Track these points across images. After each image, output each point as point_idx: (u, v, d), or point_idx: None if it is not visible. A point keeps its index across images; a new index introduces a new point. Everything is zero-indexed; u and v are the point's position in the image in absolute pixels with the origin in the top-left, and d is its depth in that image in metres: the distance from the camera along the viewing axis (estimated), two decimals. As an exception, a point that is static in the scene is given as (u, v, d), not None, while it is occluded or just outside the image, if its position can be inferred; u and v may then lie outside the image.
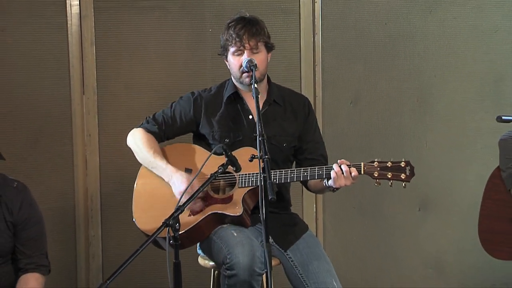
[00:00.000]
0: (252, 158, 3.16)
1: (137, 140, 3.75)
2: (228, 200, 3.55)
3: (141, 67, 4.95)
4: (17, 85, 4.85)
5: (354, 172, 3.39)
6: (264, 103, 3.73)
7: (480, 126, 5.08)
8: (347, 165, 3.39)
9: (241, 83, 3.69)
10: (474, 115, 5.10)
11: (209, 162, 3.35)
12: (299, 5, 4.96)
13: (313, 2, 4.96)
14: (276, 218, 3.64)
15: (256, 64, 3.51)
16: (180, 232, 2.94)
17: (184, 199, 3.20)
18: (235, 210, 3.51)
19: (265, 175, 3.01)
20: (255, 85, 3.36)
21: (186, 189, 3.38)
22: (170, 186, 3.60)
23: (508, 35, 5.09)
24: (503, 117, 3.50)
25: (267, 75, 3.81)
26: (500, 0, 5.07)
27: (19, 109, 4.85)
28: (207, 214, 3.53)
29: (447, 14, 5.07)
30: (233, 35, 3.61)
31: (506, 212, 3.92)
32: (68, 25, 4.85)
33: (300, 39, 4.98)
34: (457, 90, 5.10)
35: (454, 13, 5.06)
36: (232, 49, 3.64)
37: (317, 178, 3.50)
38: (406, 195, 5.07)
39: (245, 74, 3.59)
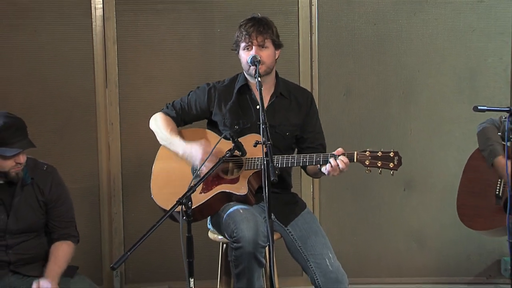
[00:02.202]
0: (256, 143, 3.14)
1: (158, 122, 3.76)
2: (235, 180, 3.54)
3: (158, 62, 4.95)
4: (48, 79, 4.88)
5: (344, 160, 3.35)
6: (271, 95, 3.71)
7: (458, 116, 5.06)
8: (342, 154, 3.36)
9: (249, 74, 3.67)
10: (453, 105, 5.08)
11: (220, 145, 3.36)
12: (298, 7, 4.95)
13: (310, 5, 4.95)
14: (278, 198, 3.62)
15: (259, 60, 3.48)
16: (192, 207, 2.92)
17: (206, 164, 3.32)
18: (241, 189, 3.49)
19: (267, 159, 2.99)
20: (259, 79, 3.32)
21: (208, 157, 3.38)
22: (185, 165, 3.60)
23: (483, 35, 5.06)
24: (479, 107, 3.49)
25: (276, 71, 3.78)
26: (476, 4, 5.04)
27: (50, 101, 4.89)
28: (216, 192, 3.52)
29: (429, 16, 5.04)
30: (243, 32, 3.60)
31: (479, 188, 3.94)
32: (93, 26, 4.85)
33: (298, 38, 4.97)
34: (438, 84, 5.08)
35: (435, 15, 5.04)
36: (242, 45, 3.62)
37: (315, 164, 3.47)
38: (392, 176, 5.03)
39: (252, 67, 3.55)
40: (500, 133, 3.94)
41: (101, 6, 4.84)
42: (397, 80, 5.07)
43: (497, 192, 3.93)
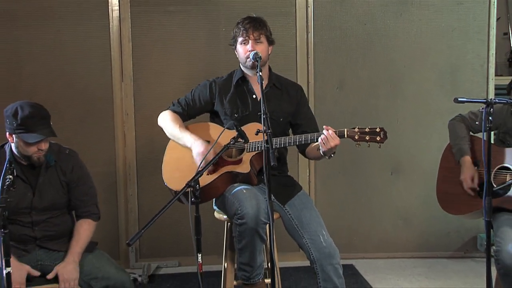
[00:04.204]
0: (258, 132, 3.13)
1: (166, 119, 3.74)
2: (239, 161, 3.53)
3: (169, 59, 4.93)
4: (70, 74, 4.88)
5: (331, 133, 3.32)
6: (266, 86, 3.71)
7: (440, 107, 5.06)
8: (333, 131, 3.34)
9: (246, 66, 3.66)
10: (436, 98, 5.08)
11: (223, 134, 3.38)
12: (295, 9, 4.94)
13: (307, 7, 4.94)
14: (277, 180, 3.63)
15: (261, 57, 3.46)
16: (200, 187, 2.91)
17: (202, 162, 3.29)
18: (244, 168, 3.49)
19: (268, 145, 2.98)
20: (260, 73, 3.30)
21: (206, 154, 3.39)
22: (192, 153, 3.58)
23: (462, 34, 5.07)
24: (459, 99, 3.44)
25: (269, 65, 3.77)
26: (456, 6, 5.05)
27: (72, 94, 4.89)
28: (222, 173, 3.51)
29: (414, 17, 5.04)
30: (241, 28, 3.60)
31: (454, 177, 3.91)
32: (110, 26, 4.84)
33: (296, 37, 4.96)
34: (422, 78, 5.08)
35: (419, 16, 5.04)
36: (239, 39, 3.61)
37: (309, 142, 3.45)
38: (381, 161, 5.08)
39: (249, 59, 3.56)
40: (478, 122, 3.91)
41: (117, 8, 4.83)
42: (385, 74, 5.07)
43: None
